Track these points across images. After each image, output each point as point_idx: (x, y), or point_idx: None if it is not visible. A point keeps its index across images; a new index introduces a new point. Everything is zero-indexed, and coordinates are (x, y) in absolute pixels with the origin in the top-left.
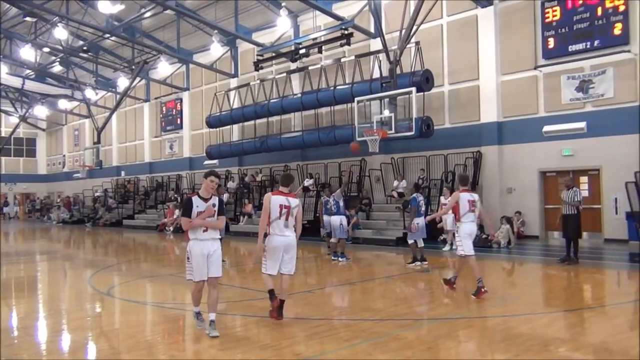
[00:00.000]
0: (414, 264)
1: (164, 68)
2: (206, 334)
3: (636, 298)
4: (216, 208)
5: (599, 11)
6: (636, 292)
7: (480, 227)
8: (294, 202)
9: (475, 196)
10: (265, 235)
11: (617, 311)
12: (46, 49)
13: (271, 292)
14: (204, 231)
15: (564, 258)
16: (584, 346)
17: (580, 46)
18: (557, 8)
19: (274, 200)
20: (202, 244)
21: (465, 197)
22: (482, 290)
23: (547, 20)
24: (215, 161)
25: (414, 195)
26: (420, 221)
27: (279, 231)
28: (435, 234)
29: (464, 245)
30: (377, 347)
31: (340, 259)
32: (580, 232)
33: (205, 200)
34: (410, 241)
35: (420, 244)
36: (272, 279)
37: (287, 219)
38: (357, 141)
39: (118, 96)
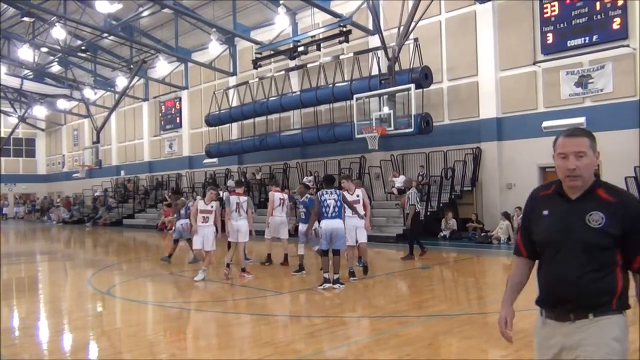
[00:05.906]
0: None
1: (162, 67)
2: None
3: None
4: None
5: (598, 6)
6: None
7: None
8: (285, 195)
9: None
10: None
11: None
12: (44, 49)
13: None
14: None
15: (407, 256)
16: None
17: (579, 41)
18: (556, 3)
19: (276, 196)
20: None
21: (277, 195)
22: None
23: (545, 15)
24: (214, 159)
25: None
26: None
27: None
28: (435, 230)
29: (283, 232)
30: (378, 344)
31: None
32: (417, 230)
33: None
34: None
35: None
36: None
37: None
38: None
39: (117, 95)
